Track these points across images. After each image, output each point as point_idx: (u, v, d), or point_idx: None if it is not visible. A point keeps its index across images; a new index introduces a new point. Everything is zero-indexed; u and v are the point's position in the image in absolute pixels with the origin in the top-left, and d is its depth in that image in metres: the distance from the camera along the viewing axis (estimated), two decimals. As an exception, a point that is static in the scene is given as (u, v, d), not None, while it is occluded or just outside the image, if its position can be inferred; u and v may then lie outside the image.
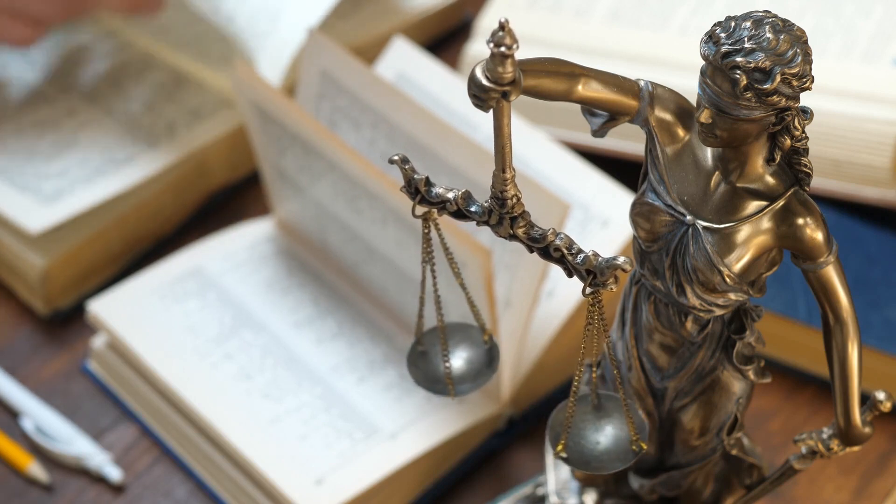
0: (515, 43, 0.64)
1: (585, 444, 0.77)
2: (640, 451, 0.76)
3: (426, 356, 0.81)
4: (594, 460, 0.76)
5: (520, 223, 0.72)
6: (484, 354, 0.81)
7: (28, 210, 1.09)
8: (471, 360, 0.81)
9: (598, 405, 0.77)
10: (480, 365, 0.81)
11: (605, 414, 0.77)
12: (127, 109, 1.17)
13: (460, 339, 0.82)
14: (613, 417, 0.77)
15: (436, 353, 0.81)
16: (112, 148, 1.14)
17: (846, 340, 0.75)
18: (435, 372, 0.81)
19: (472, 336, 0.82)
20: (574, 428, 0.77)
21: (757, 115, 0.69)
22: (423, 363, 0.81)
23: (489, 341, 0.81)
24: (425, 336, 0.82)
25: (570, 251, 0.71)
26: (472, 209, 0.73)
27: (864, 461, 1.01)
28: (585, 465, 0.76)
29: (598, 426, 0.77)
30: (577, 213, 1.04)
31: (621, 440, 0.76)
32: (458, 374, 0.81)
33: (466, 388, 0.81)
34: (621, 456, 0.76)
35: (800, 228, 0.72)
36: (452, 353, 0.81)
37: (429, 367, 0.81)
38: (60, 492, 1.02)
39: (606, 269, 0.70)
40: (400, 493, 0.99)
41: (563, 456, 0.76)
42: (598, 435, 0.77)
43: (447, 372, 0.80)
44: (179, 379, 1.02)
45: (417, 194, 0.73)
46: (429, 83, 1.11)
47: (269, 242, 1.11)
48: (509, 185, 0.71)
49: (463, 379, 0.81)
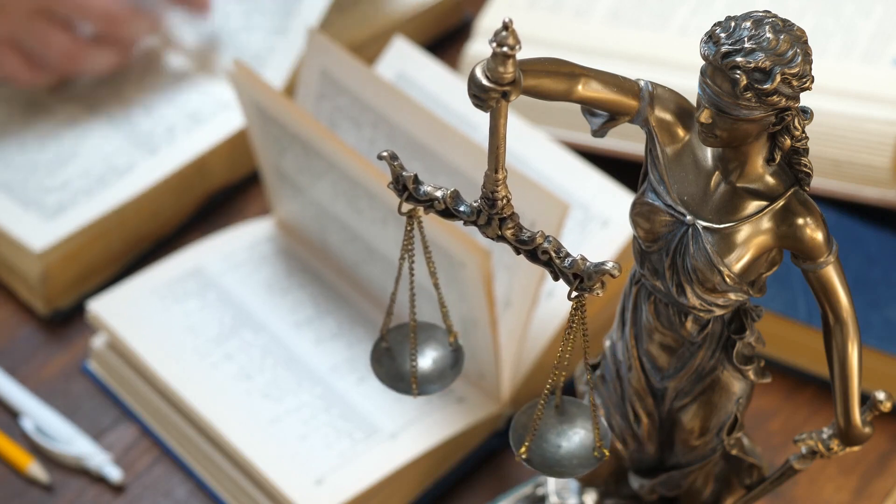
0: (518, 43, 0.64)
1: (548, 447, 0.76)
2: (602, 458, 0.76)
3: (390, 353, 0.81)
4: (556, 464, 0.76)
5: (508, 225, 0.72)
6: (449, 356, 0.81)
7: (32, 227, 1.09)
8: (436, 361, 0.81)
9: (562, 410, 0.77)
10: (445, 366, 0.81)
11: (568, 419, 0.77)
12: (127, 115, 1.17)
13: (425, 339, 0.82)
14: (577, 423, 0.77)
15: (400, 351, 0.81)
16: (112, 156, 1.14)
17: (846, 340, 0.75)
18: (399, 370, 0.81)
19: (436, 337, 0.82)
20: (538, 431, 0.76)
21: (757, 115, 0.69)
22: (388, 360, 0.81)
23: (454, 343, 0.81)
24: (390, 333, 0.81)
25: (558, 254, 0.71)
26: (460, 209, 0.72)
27: (864, 461, 1.01)
28: (548, 469, 0.76)
29: (560, 430, 0.77)
30: (577, 213, 1.04)
31: (584, 446, 0.76)
32: (423, 373, 0.81)
33: (431, 388, 0.81)
34: (584, 461, 0.76)
35: (800, 228, 0.72)
36: (419, 353, 0.81)
37: (392, 365, 0.81)
38: (60, 492, 1.02)
39: (594, 274, 0.70)
40: (400, 493, 0.99)
41: (524, 458, 0.76)
42: (561, 439, 0.77)
43: (413, 371, 0.80)
44: (179, 379, 1.02)
45: (405, 191, 0.73)
46: (429, 83, 1.11)
47: (268, 242, 1.11)
48: (501, 186, 0.70)
49: (428, 379, 0.81)
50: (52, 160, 1.14)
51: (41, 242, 1.08)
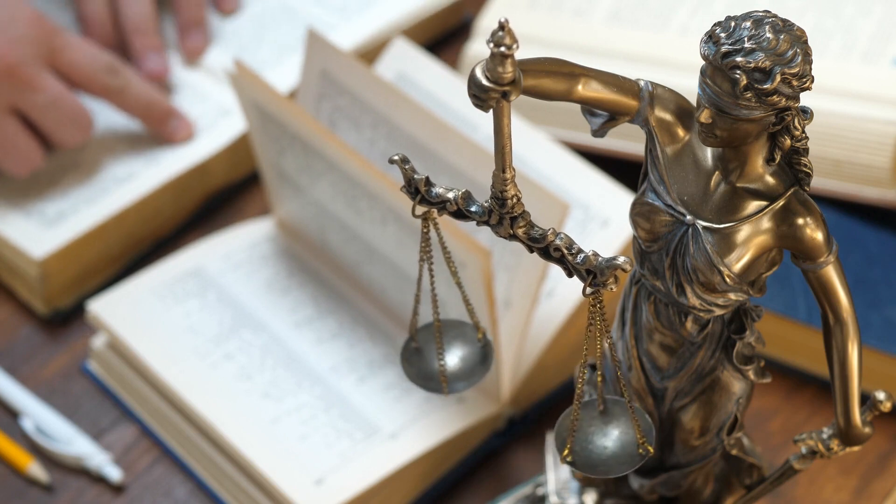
0: (515, 43, 0.64)
1: (592, 448, 0.76)
2: (646, 455, 0.75)
3: (420, 353, 0.81)
4: (601, 464, 0.76)
5: (520, 223, 0.72)
6: (478, 352, 0.81)
7: (32, 235, 1.09)
8: (465, 358, 0.81)
9: (604, 409, 0.77)
10: (474, 363, 0.81)
11: (610, 418, 0.77)
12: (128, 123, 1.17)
13: (454, 337, 0.82)
14: (619, 421, 0.77)
15: (430, 350, 0.81)
16: (113, 165, 1.14)
17: (846, 340, 0.75)
18: (428, 369, 0.81)
19: (466, 334, 0.82)
20: (580, 432, 0.76)
21: (757, 115, 0.69)
22: (417, 360, 0.81)
23: (483, 339, 0.81)
24: (419, 333, 0.82)
25: (570, 251, 0.71)
26: (472, 209, 0.73)
27: (864, 461, 1.01)
28: (592, 469, 0.76)
29: (604, 430, 0.77)
30: (577, 213, 1.04)
31: (627, 444, 0.76)
32: (452, 371, 0.81)
33: (460, 385, 0.81)
34: (627, 459, 0.76)
35: (800, 228, 0.72)
36: (447, 351, 0.81)
37: (422, 364, 0.81)
38: (60, 492, 1.02)
39: (606, 269, 0.70)
40: (400, 493, 0.99)
41: (569, 461, 0.76)
42: (605, 439, 0.77)
43: (442, 369, 0.80)
44: (179, 379, 1.02)
45: (417, 194, 0.73)
46: (429, 83, 1.11)
47: (268, 242, 1.11)
48: (509, 185, 0.71)
49: (457, 377, 0.81)
50: (52, 169, 1.14)
51: (41, 250, 1.08)
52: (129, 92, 1.13)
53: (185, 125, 1.15)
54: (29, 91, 1.09)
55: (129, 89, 1.13)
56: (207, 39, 1.21)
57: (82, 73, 1.12)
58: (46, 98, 1.09)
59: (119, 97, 1.13)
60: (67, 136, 1.11)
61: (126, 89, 1.13)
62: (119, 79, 1.13)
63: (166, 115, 1.14)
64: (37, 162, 1.11)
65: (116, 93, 1.13)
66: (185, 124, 1.15)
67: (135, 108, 1.14)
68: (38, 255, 1.08)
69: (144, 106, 1.14)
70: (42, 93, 1.09)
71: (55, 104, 1.10)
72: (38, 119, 1.10)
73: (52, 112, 1.10)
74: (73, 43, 1.12)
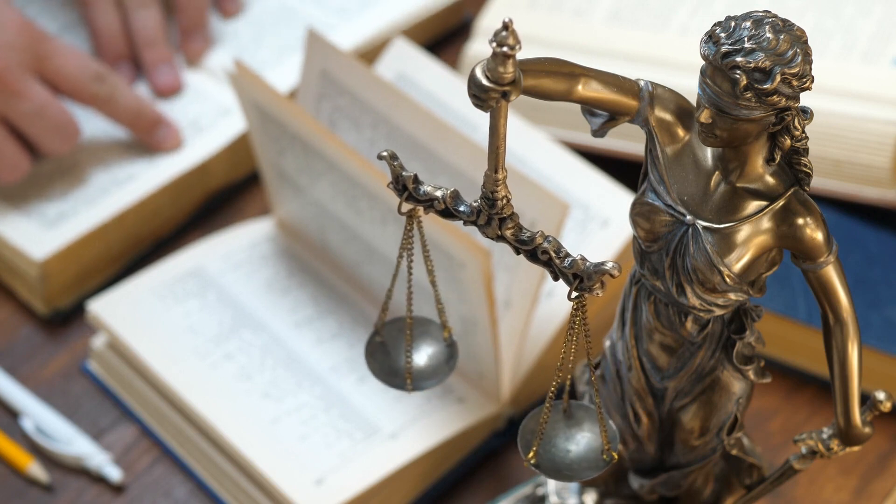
0: (518, 43, 0.64)
1: (556, 451, 0.76)
2: (611, 461, 0.76)
3: (384, 348, 0.81)
4: (565, 468, 0.76)
5: (508, 225, 0.72)
6: (443, 351, 0.81)
7: (32, 236, 1.09)
8: (431, 356, 0.81)
9: (570, 413, 0.77)
10: (439, 362, 0.81)
11: (575, 422, 0.77)
12: None
13: (420, 334, 0.82)
14: (584, 426, 0.77)
15: (395, 345, 0.81)
16: (113, 167, 1.14)
17: (846, 340, 0.75)
18: (393, 364, 0.81)
19: (431, 332, 0.82)
20: (545, 436, 0.76)
21: (757, 115, 0.69)
22: (381, 355, 0.81)
23: (449, 339, 0.81)
24: (385, 328, 0.81)
25: (558, 255, 0.71)
26: (460, 209, 0.73)
27: (864, 461, 1.01)
28: (556, 473, 0.76)
29: (568, 434, 0.77)
30: (577, 213, 1.04)
31: (593, 449, 0.76)
32: (418, 369, 0.81)
33: (426, 383, 0.81)
34: (592, 464, 0.76)
35: (800, 228, 0.72)
36: (413, 348, 0.81)
37: (386, 360, 0.81)
38: (60, 492, 1.02)
39: (594, 274, 0.70)
40: (400, 493, 0.99)
41: (532, 463, 0.76)
42: (569, 443, 0.77)
43: (408, 366, 0.80)
44: (179, 379, 1.02)
45: (405, 191, 0.73)
46: (429, 83, 1.11)
47: (268, 242, 1.11)
48: (500, 186, 0.70)
49: (422, 374, 0.81)
50: (52, 170, 1.14)
51: (42, 252, 1.08)
52: (116, 100, 1.12)
53: (173, 133, 1.14)
54: (14, 98, 1.08)
55: (116, 97, 1.12)
56: (209, 42, 1.21)
57: (70, 81, 1.11)
58: (32, 106, 1.09)
59: (107, 105, 1.12)
60: (53, 144, 1.11)
61: (114, 97, 1.12)
62: (106, 87, 1.12)
63: (154, 124, 1.14)
64: (24, 170, 1.11)
65: (104, 101, 1.12)
66: (172, 133, 1.14)
67: (123, 116, 1.13)
68: (38, 257, 1.08)
69: (132, 114, 1.13)
70: (28, 100, 1.08)
71: (41, 112, 1.09)
72: (24, 127, 1.10)
73: (38, 120, 1.09)
74: (61, 50, 1.11)
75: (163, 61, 1.18)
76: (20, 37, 1.09)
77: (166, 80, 1.18)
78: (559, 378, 0.75)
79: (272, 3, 1.25)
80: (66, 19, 1.24)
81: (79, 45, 1.22)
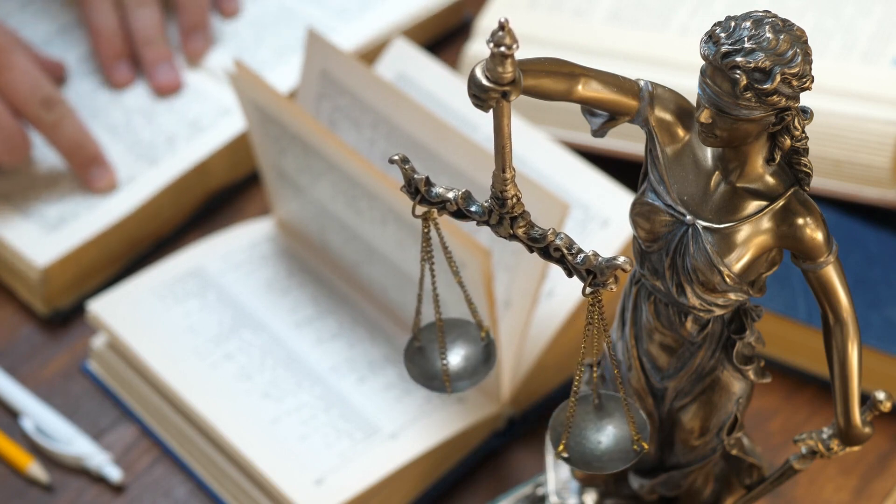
0: (515, 43, 0.64)
1: (587, 444, 0.77)
2: (641, 451, 0.76)
3: (423, 352, 0.81)
4: (595, 460, 0.76)
5: (520, 223, 0.72)
6: (481, 351, 0.81)
7: (34, 241, 1.09)
8: (468, 357, 0.81)
9: (600, 405, 0.77)
10: (477, 361, 0.81)
11: (606, 414, 0.77)
12: (128, 124, 1.17)
13: (457, 336, 0.82)
14: (615, 417, 0.77)
15: (433, 349, 0.81)
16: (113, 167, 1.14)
17: (846, 340, 0.75)
18: (432, 368, 0.81)
19: (469, 332, 0.82)
20: (575, 428, 0.77)
21: (757, 115, 0.69)
22: (420, 359, 0.81)
23: (486, 338, 0.82)
24: (422, 332, 0.82)
25: (570, 251, 0.71)
26: (472, 209, 0.73)
27: (864, 461, 1.01)
28: (587, 465, 0.76)
29: (599, 426, 0.77)
30: (577, 213, 1.04)
31: (622, 440, 0.76)
32: (455, 370, 0.81)
33: (463, 384, 0.81)
34: (622, 456, 0.76)
35: (800, 228, 0.72)
36: (450, 350, 0.81)
37: (425, 364, 0.81)
38: (60, 492, 1.02)
39: (606, 269, 0.70)
40: (400, 493, 0.99)
41: (564, 456, 0.76)
42: (600, 435, 0.77)
43: (444, 369, 0.80)
44: (179, 379, 1.02)
45: (417, 194, 0.73)
46: (429, 83, 1.11)
47: (268, 242, 1.11)
48: (509, 185, 0.71)
49: (460, 376, 0.81)
50: (52, 172, 1.14)
51: (44, 258, 1.08)
52: (59, 129, 1.11)
53: (109, 175, 1.13)
54: None
55: (60, 127, 1.11)
56: (209, 42, 1.21)
57: (18, 98, 1.11)
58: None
59: (49, 131, 1.12)
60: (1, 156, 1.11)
61: (57, 126, 1.11)
62: (53, 114, 1.11)
63: (91, 161, 1.12)
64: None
65: (48, 127, 1.11)
66: (108, 174, 1.13)
67: (62, 146, 1.12)
68: (41, 263, 1.08)
69: (72, 147, 1.12)
70: None
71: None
72: None
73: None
74: (17, 65, 1.11)
75: (162, 60, 1.18)
76: None
77: (166, 79, 1.18)
78: (580, 373, 0.75)
79: (272, 3, 1.25)
80: (65, 19, 1.24)
81: (78, 44, 1.22)
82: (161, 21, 1.19)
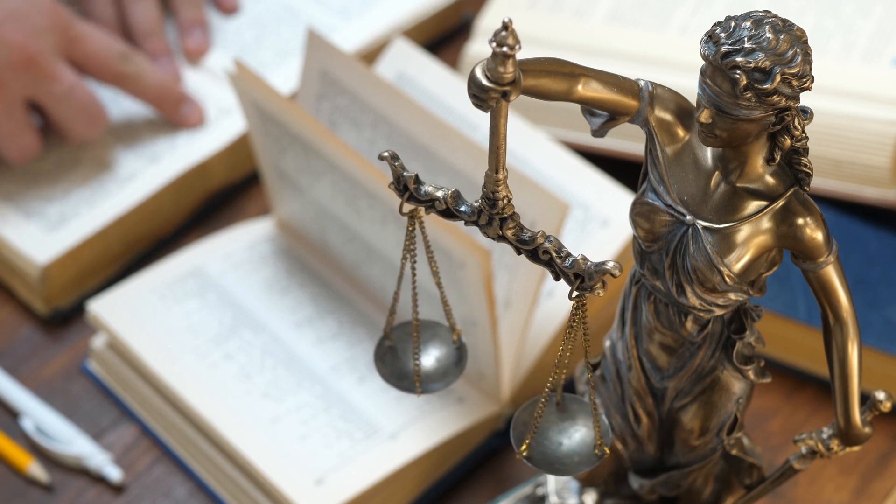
0: (518, 43, 0.64)
1: (549, 445, 0.76)
2: (602, 455, 0.76)
3: (394, 352, 0.81)
4: (557, 462, 0.76)
5: (509, 224, 0.72)
6: (453, 353, 0.81)
7: (35, 239, 1.09)
8: (440, 359, 0.81)
9: (563, 407, 0.77)
10: (449, 363, 0.81)
11: (568, 416, 0.77)
12: (129, 124, 1.17)
13: (429, 337, 0.82)
14: (578, 420, 0.77)
15: (404, 349, 0.81)
16: (114, 166, 1.14)
17: (846, 340, 0.75)
18: (403, 368, 0.81)
19: (440, 335, 0.82)
20: (539, 429, 0.76)
21: (757, 115, 0.69)
22: (391, 359, 0.81)
23: (458, 341, 0.81)
24: (394, 331, 0.81)
25: (559, 254, 0.71)
26: (461, 209, 0.73)
27: (864, 461, 1.01)
28: (548, 466, 0.76)
29: (561, 428, 0.77)
30: (577, 213, 1.04)
31: (585, 443, 0.76)
32: (427, 371, 0.81)
33: (436, 386, 0.81)
34: (585, 458, 0.76)
35: (800, 228, 0.72)
36: (422, 351, 0.81)
37: (396, 363, 0.81)
38: (60, 492, 1.02)
39: (595, 274, 0.70)
40: (400, 493, 0.99)
41: (525, 456, 0.76)
42: (562, 436, 0.77)
43: (416, 369, 0.80)
44: (179, 379, 1.02)
45: (406, 191, 0.73)
46: (429, 83, 1.11)
47: (268, 242, 1.11)
48: (501, 186, 0.70)
49: (431, 377, 0.81)
50: (53, 170, 1.14)
51: (44, 256, 1.08)
52: (142, 78, 1.14)
53: (197, 110, 1.16)
54: (47, 82, 1.09)
55: (142, 76, 1.14)
56: (208, 39, 1.21)
57: (97, 62, 1.12)
58: (63, 89, 1.10)
59: (133, 84, 1.14)
60: (81, 127, 1.12)
61: (139, 76, 1.14)
62: (132, 65, 1.14)
63: (179, 101, 1.16)
64: (34, 153, 1.12)
65: (131, 80, 1.14)
66: (196, 109, 1.16)
67: (149, 94, 1.14)
68: (41, 261, 1.08)
69: (158, 91, 1.15)
70: (59, 83, 1.10)
71: (71, 95, 1.10)
72: (54, 110, 1.11)
73: (68, 103, 1.11)
74: (87, 32, 1.12)
75: (161, 53, 1.18)
76: (51, 20, 1.10)
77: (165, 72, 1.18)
78: (555, 375, 0.75)
79: (273, 3, 1.25)
80: None
81: None
82: (160, 14, 1.19)
